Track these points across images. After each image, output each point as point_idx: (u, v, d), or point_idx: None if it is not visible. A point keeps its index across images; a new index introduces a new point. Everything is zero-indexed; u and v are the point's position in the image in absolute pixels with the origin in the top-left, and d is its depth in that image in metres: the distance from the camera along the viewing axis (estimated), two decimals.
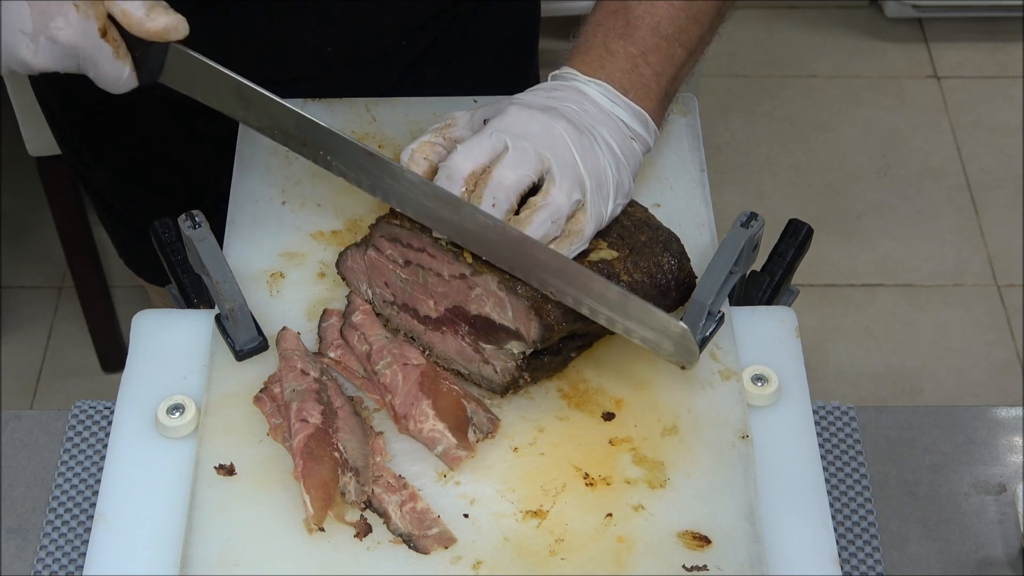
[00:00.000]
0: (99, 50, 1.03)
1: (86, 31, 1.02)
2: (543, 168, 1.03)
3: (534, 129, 1.04)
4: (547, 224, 1.02)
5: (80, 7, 1.02)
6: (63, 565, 1.13)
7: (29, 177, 2.40)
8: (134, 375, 1.11)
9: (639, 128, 1.10)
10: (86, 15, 1.02)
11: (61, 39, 1.02)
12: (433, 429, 1.03)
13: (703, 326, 1.09)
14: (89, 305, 2.44)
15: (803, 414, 1.09)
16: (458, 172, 1.04)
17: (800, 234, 1.19)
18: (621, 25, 1.12)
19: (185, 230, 1.09)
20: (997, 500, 1.19)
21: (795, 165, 2.93)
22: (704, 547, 0.98)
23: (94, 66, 1.04)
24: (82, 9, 1.02)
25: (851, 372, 2.56)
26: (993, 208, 2.83)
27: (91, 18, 1.02)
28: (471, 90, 1.33)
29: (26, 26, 1.01)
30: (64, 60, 1.04)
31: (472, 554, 0.98)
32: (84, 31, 1.02)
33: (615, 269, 1.07)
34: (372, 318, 1.11)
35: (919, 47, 3.17)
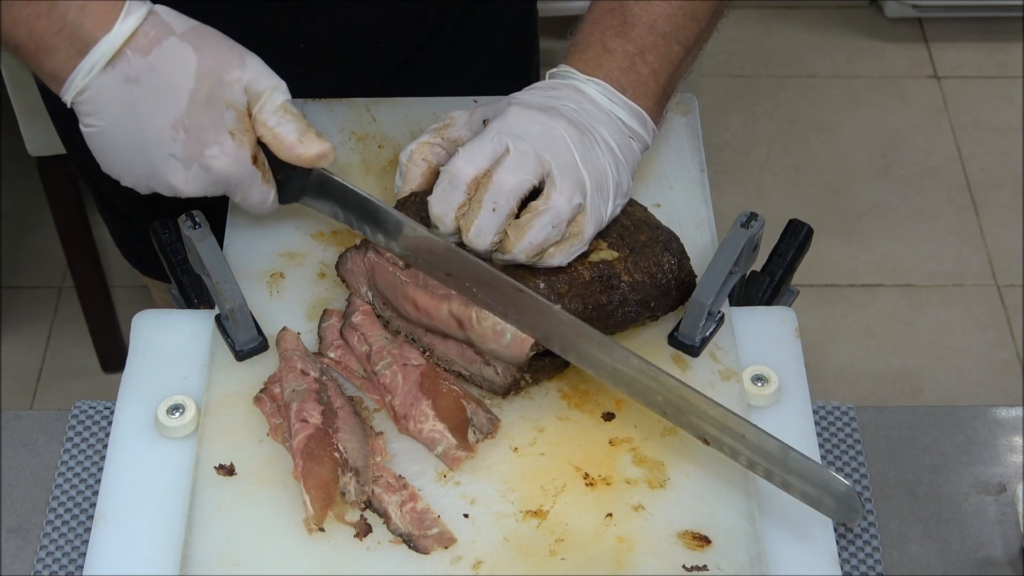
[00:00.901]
0: (250, 177, 1.04)
1: (240, 159, 1.03)
2: (543, 171, 1.03)
3: (534, 130, 1.04)
4: (548, 229, 1.02)
5: (236, 135, 1.02)
6: (63, 565, 1.13)
7: (29, 177, 2.40)
8: (134, 375, 1.11)
9: (637, 127, 1.10)
10: (241, 144, 1.03)
11: (215, 167, 1.03)
12: (433, 429, 1.03)
13: (703, 326, 1.09)
14: (89, 305, 2.44)
15: (803, 414, 1.09)
16: (461, 177, 1.03)
17: (800, 234, 1.19)
18: (618, 23, 1.12)
19: (185, 230, 1.09)
20: (997, 500, 1.19)
21: (795, 165, 2.93)
22: (704, 547, 0.98)
23: (243, 192, 1.05)
24: (237, 137, 1.03)
25: (851, 372, 2.56)
26: (993, 208, 2.83)
27: (245, 146, 1.03)
28: (467, 93, 1.33)
29: (178, 152, 1.02)
30: (213, 187, 1.05)
31: (472, 554, 0.98)
32: (238, 159, 1.03)
33: (615, 269, 1.07)
34: (372, 319, 1.11)
35: (919, 47, 3.17)
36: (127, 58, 1.01)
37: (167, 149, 1.02)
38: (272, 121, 1.04)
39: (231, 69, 1.04)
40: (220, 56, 1.04)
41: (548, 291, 1.04)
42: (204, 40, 1.04)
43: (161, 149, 1.02)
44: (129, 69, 1.01)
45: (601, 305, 1.06)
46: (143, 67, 1.01)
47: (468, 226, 1.03)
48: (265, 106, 1.04)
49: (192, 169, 1.03)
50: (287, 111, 1.05)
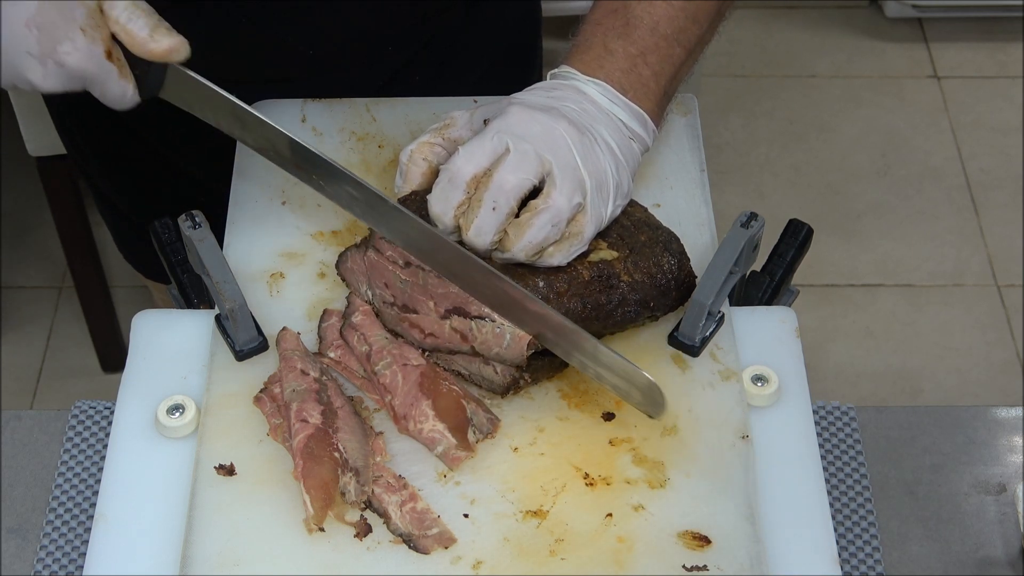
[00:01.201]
0: (105, 72, 1.04)
1: (93, 55, 1.03)
2: (544, 171, 1.03)
3: (535, 130, 1.04)
4: (547, 228, 1.02)
5: (87, 31, 1.02)
6: (63, 565, 1.13)
7: (29, 177, 2.40)
8: (134, 375, 1.11)
9: (638, 128, 1.10)
10: (93, 39, 1.03)
11: (69, 63, 1.02)
12: (433, 429, 1.03)
13: (703, 326, 1.09)
14: (89, 305, 2.44)
15: (803, 414, 1.09)
16: (460, 175, 1.03)
17: (800, 234, 1.19)
18: (620, 24, 1.12)
19: (185, 230, 1.09)
20: (997, 500, 1.19)
21: (795, 165, 2.93)
22: (704, 547, 0.98)
23: (100, 86, 1.05)
24: (89, 33, 1.02)
25: (851, 372, 2.56)
26: (993, 208, 2.83)
27: (97, 41, 1.03)
28: (470, 93, 1.33)
29: (33, 49, 1.02)
30: (71, 82, 1.04)
31: (472, 554, 0.98)
32: (91, 55, 1.03)
33: (615, 269, 1.07)
34: (372, 319, 1.11)
35: (919, 47, 3.17)
36: None
37: (23, 47, 1.02)
38: (123, 17, 1.04)
39: None
40: None
41: (547, 290, 1.04)
42: None
43: (17, 47, 1.02)
44: None
45: (600, 305, 1.06)
46: None
47: (468, 225, 1.03)
48: (116, 3, 1.04)
49: (48, 65, 1.03)
50: (137, 7, 1.05)
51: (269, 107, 1.29)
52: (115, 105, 1.07)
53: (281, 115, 1.29)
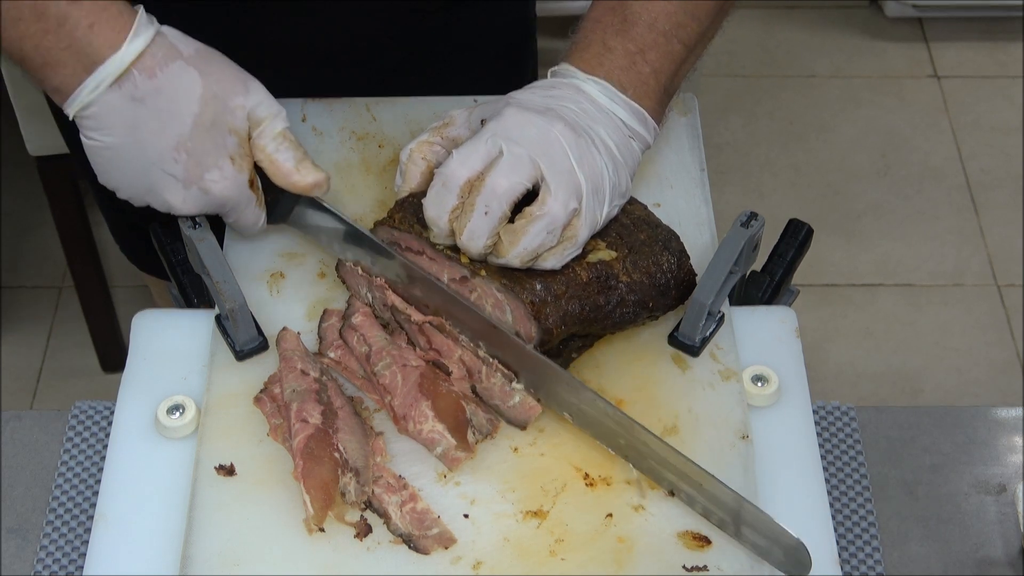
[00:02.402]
0: (246, 200, 1.08)
1: (238, 183, 1.06)
2: (537, 175, 1.03)
3: (530, 133, 1.04)
4: (543, 235, 1.02)
5: (235, 160, 1.05)
6: (63, 565, 1.13)
7: (29, 177, 2.39)
8: (134, 375, 1.11)
9: (638, 126, 1.10)
10: (240, 168, 1.06)
11: (214, 191, 1.05)
12: (432, 430, 1.03)
13: (703, 326, 1.09)
14: (89, 305, 2.44)
15: (803, 414, 1.08)
16: (454, 179, 1.03)
17: (800, 234, 1.19)
18: (619, 22, 1.12)
19: (185, 230, 1.09)
20: (997, 500, 1.19)
21: (795, 165, 2.93)
22: (704, 547, 0.98)
23: (237, 214, 1.08)
24: (237, 163, 1.05)
25: (851, 372, 2.56)
26: (993, 208, 2.83)
27: (244, 171, 1.06)
28: (465, 91, 1.33)
29: (178, 173, 1.04)
30: (210, 208, 1.07)
31: (472, 554, 0.98)
32: (237, 184, 1.06)
33: (613, 270, 1.07)
34: (372, 320, 1.11)
35: (919, 47, 3.17)
36: (134, 78, 1.03)
37: (168, 169, 1.04)
38: (271, 148, 1.07)
39: (235, 95, 1.06)
40: (225, 81, 1.06)
41: (545, 292, 1.04)
42: (210, 64, 1.06)
43: (161, 168, 1.04)
44: (135, 89, 1.03)
45: (599, 306, 1.06)
46: (149, 88, 1.03)
47: (461, 229, 1.03)
48: (265, 132, 1.07)
49: (191, 190, 1.05)
50: (286, 138, 1.08)
51: None
52: (245, 232, 1.11)
53: None
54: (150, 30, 1.04)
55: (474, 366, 1.06)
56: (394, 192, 1.16)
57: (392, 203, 1.13)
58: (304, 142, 1.26)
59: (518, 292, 1.03)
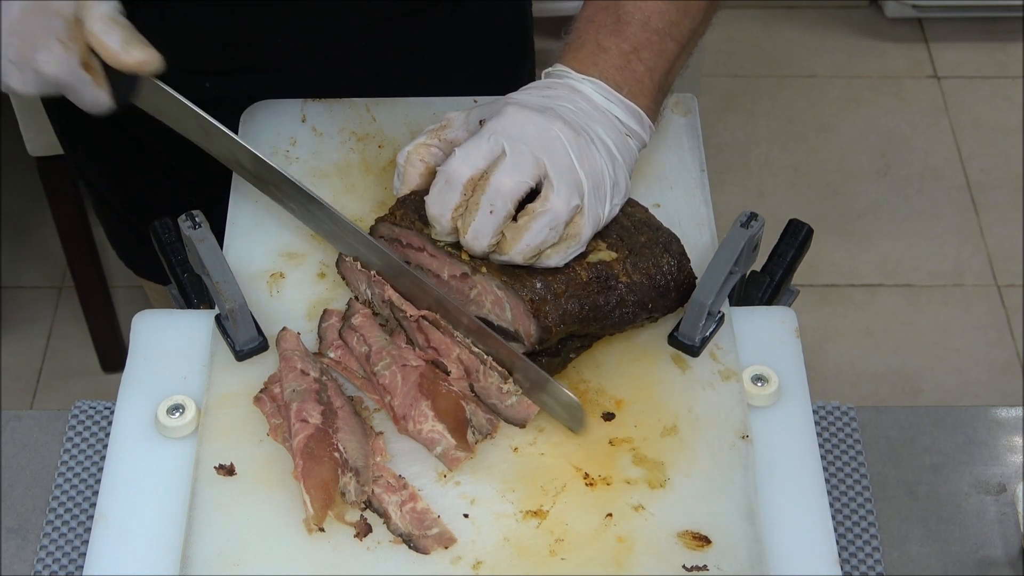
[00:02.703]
0: (80, 81, 1.09)
1: (68, 64, 1.07)
2: (540, 173, 1.03)
3: (530, 131, 1.04)
4: (545, 231, 1.02)
5: (64, 42, 1.07)
6: (63, 565, 1.13)
7: (29, 177, 2.40)
8: (134, 375, 1.11)
9: (634, 124, 1.10)
10: (69, 50, 1.07)
11: (45, 71, 1.07)
12: (432, 430, 1.03)
13: (703, 326, 1.09)
14: (89, 305, 2.44)
15: (803, 414, 1.08)
16: (456, 177, 1.03)
17: (800, 234, 1.19)
18: (612, 21, 1.12)
19: (185, 230, 1.09)
20: (997, 500, 1.19)
21: (795, 165, 2.93)
22: (704, 547, 0.98)
23: (75, 93, 1.09)
24: (65, 44, 1.07)
25: (851, 372, 2.56)
26: (993, 208, 2.83)
27: (73, 52, 1.07)
28: (461, 90, 1.33)
29: (13, 55, 1.06)
30: (48, 88, 1.09)
31: (472, 554, 0.98)
32: (67, 64, 1.07)
33: (613, 270, 1.07)
34: (371, 320, 1.11)
35: (919, 47, 3.17)
36: None
37: (5, 54, 1.06)
38: (98, 29, 1.08)
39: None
40: None
41: (545, 291, 1.04)
42: None
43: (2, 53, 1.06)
44: None
45: (598, 306, 1.06)
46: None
47: (466, 228, 1.03)
48: (92, 14, 1.08)
49: (26, 72, 1.07)
50: (113, 20, 1.08)
51: (269, 106, 1.29)
52: (91, 111, 1.12)
53: (281, 115, 1.29)
54: None
55: (472, 364, 1.06)
56: (393, 193, 1.16)
57: (392, 204, 1.13)
58: (304, 142, 1.26)
59: (518, 289, 1.03)
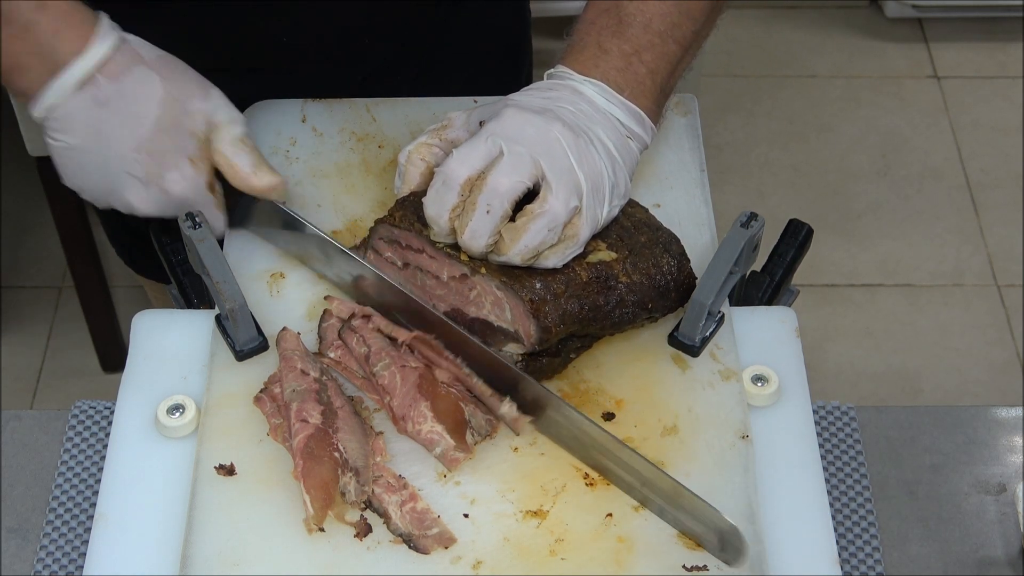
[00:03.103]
0: (205, 202, 1.10)
1: (197, 185, 1.09)
2: (538, 174, 1.03)
3: (529, 133, 1.04)
4: (544, 232, 1.02)
5: (195, 163, 1.08)
6: (63, 565, 1.13)
7: (29, 177, 2.39)
8: (134, 375, 1.11)
9: (635, 127, 1.10)
10: (199, 170, 1.08)
11: (173, 191, 1.08)
12: (431, 431, 1.03)
13: (703, 326, 1.09)
14: (89, 305, 2.44)
15: (803, 414, 1.08)
16: (454, 178, 1.04)
17: (800, 234, 1.19)
18: (613, 23, 1.12)
19: (185, 230, 1.09)
20: (997, 500, 1.19)
21: (795, 165, 2.93)
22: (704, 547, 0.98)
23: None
24: (196, 165, 1.08)
25: (851, 372, 2.56)
26: (993, 208, 2.83)
27: (203, 173, 1.09)
28: (460, 91, 1.33)
29: (139, 172, 1.06)
30: (170, 208, 1.09)
31: (472, 554, 0.98)
32: (196, 185, 1.09)
33: (613, 270, 1.07)
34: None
35: (919, 47, 3.17)
36: (97, 82, 1.06)
37: (129, 169, 1.07)
38: (229, 151, 1.10)
39: (195, 99, 1.09)
40: (185, 86, 1.09)
41: (544, 291, 1.04)
42: (171, 69, 1.09)
43: (122, 169, 1.07)
44: (98, 92, 1.06)
45: (598, 306, 1.06)
46: (112, 91, 1.06)
47: (463, 228, 1.03)
48: (224, 136, 1.10)
49: (151, 190, 1.08)
50: (244, 143, 1.11)
51: (269, 106, 1.29)
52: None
53: (282, 115, 1.29)
54: (113, 36, 1.07)
55: (465, 381, 1.06)
56: (394, 193, 1.16)
57: (392, 204, 1.13)
58: (304, 142, 1.27)
59: (517, 290, 1.03)
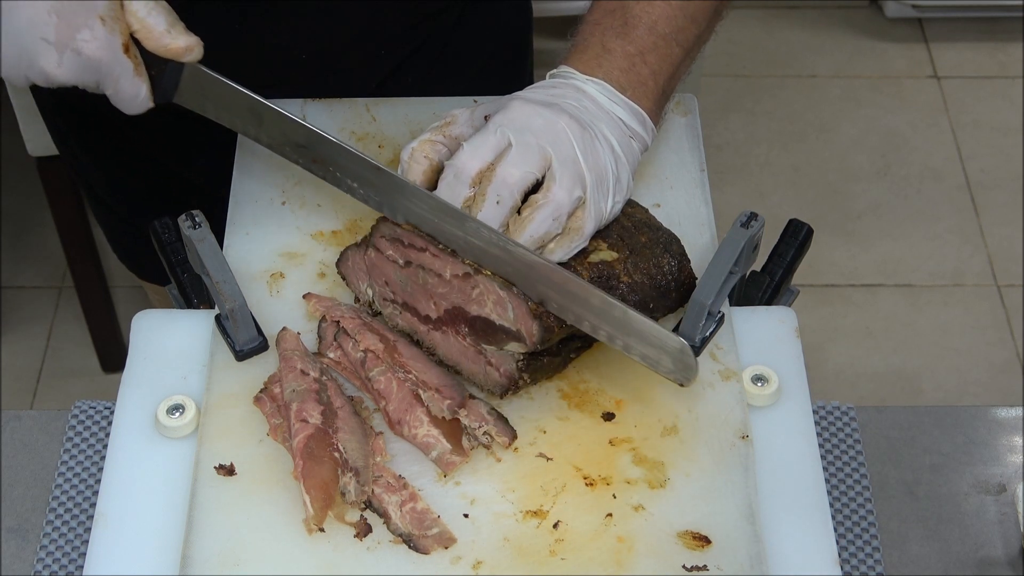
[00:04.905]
0: (121, 66, 1.04)
1: (111, 45, 1.03)
2: (546, 164, 1.03)
3: (537, 124, 1.04)
4: (548, 221, 1.02)
5: (106, 21, 1.03)
6: (63, 565, 1.13)
7: (29, 177, 2.40)
8: (134, 375, 1.11)
9: (637, 127, 1.10)
10: (112, 29, 1.03)
11: (86, 52, 1.03)
12: (427, 435, 1.03)
13: (703, 326, 1.09)
14: (89, 305, 2.44)
15: (803, 414, 1.09)
16: (465, 171, 1.04)
17: (800, 234, 1.19)
18: (619, 24, 1.12)
19: (185, 230, 1.09)
20: (997, 500, 1.19)
21: (795, 165, 2.93)
22: (704, 547, 0.98)
23: (114, 82, 1.05)
24: (108, 23, 1.03)
25: (851, 372, 2.56)
26: (993, 208, 2.83)
27: (116, 33, 1.03)
28: (462, 94, 1.33)
29: (50, 35, 1.02)
30: (85, 74, 1.04)
31: (472, 554, 0.98)
32: (109, 45, 1.03)
33: (615, 270, 1.07)
34: (365, 326, 1.11)
35: (919, 47, 3.17)
36: None
37: (39, 32, 1.02)
38: (142, 12, 1.05)
39: None
40: None
41: None
42: None
43: (34, 32, 1.02)
44: None
45: None
46: None
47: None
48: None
49: (64, 54, 1.03)
50: (157, 4, 1.06)
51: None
52: (127, 107, 1.07)
53: None
54: None
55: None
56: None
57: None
58: None
59: (520, 289, 1.03)
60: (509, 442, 1.03)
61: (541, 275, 1.02)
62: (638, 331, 1.01)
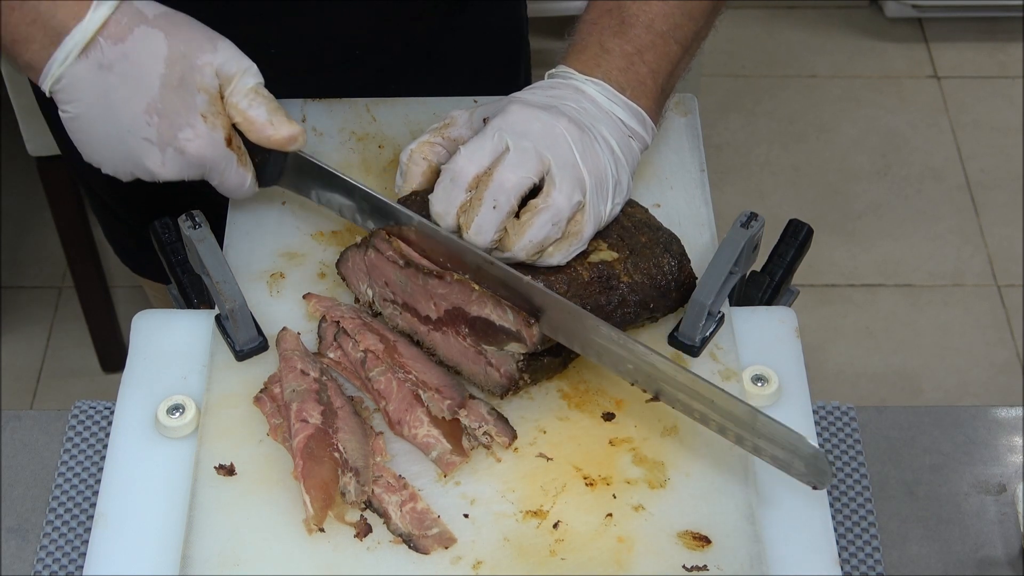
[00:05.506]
0: (226, 160, 1.06)
1: (214, 142, 1.05)
2: (544, 169, 1.03)
3: (535, 128, 1.04)
4: (548, 226, 1.02)
5: (208, 117, 1.05)
6: (63, 565, 1.13)
7: (29, 177, 2.40)
8: (134, 375, 1.11)
9: (637, 126, 1.10)
10: (213, 125, 1.05)
11: (189, 150, 1.05)
12: (427, 435, 1.03)
13: (703, 326, 1.09)
14: (89, 305, 2.44)
15: (803, 414, 1.08)
16: (462, 175, 1.04)
17: (800, 234, 1.19)
18: (616, 23, 1.12)
19: (185, 230, 1.09)
20: (997, 500, 1.19)
21: (795, 165, 2.93)
22: (704, 547, 0.98)
23: (219, 174, 1.07)
24: (209, 119, 1.05)
25: (851, 372, 2.56)
26: (993, 208, 2.83)
27: (218, 128, 1.05)
28: (458, 94, 1.33)
29: (152, 136, 1.04)
30: (190, 170, 1.06)
31: (472, 554, 0.98)
32: (212, 142, 1.05)
33: (615, 270, 1.07)
34: (365, 326, 1.11)
35: (919, 47, 3.17)
36: (100, 46, 1.03)
37: (142, 133, 1.04)
38: (243, 104, 1.06)
39: (202, 53, 1.06)
40: (191, 41, 1.06)
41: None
42: (175, 25, 1.06)
43: (136, 134, 1.04)
44: (102, 57, 1.03)
45: (600, 306, 1.06)
46: (116, 54, 1.03)
47: (468, 223, 1.03)
48: (236, 89, 1.07)
49: (167, 152, 1.05)
50: (258, 94, 1.07)
51: None
52: (233, 194, 1.10)
53: None
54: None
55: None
56: (394, 192, 1.16)
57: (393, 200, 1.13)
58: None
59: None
60: (509, 442, 1.03)
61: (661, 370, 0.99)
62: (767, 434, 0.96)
